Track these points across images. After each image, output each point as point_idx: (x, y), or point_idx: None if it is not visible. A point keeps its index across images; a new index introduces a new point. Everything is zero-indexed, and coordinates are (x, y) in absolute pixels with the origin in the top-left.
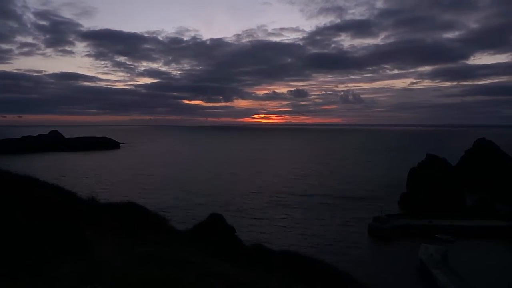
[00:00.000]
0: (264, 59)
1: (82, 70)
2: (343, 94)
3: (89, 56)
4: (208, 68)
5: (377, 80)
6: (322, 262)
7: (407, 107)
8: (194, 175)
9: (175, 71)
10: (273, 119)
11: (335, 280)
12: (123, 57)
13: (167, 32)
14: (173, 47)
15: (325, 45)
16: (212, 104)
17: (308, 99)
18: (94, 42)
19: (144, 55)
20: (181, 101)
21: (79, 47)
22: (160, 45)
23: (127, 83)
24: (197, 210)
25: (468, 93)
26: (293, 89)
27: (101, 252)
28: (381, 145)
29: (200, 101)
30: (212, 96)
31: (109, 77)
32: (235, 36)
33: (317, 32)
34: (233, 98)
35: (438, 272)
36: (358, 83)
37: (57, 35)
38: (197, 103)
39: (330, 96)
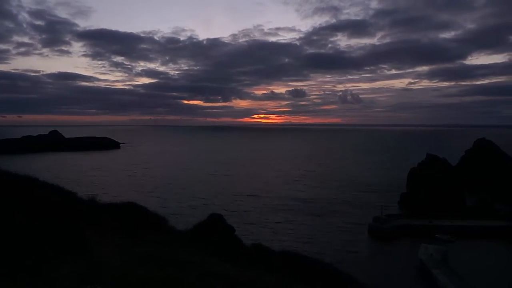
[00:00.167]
0: (261, 59)
1: (80, 70)
2: (341, 94)
3: (86, 56)
4: (206, 68)
5: (375, 80)
6: (322, 262)
7: (406, 107)
8: (194, 175)
9: (172, 71)
10: (273, 119)
11: (335, 280)
12: (120, 57)
13: (163, 32)
14: (169, 47)
15: (322, 45)
16: (211, 104)
17: (307, 99)
18: (91, 42)
19: (141, 55)
20: (180, 101)
21: (76, 47)
22: (156, 45)
23: (125, 83)
24: (197, 210)
25: (467, 93)
26: (291, 89)
27: (101, 252)
28: (381, 145)
29: (199, 101)
30: (211, 96)
31: (107, 77)
32: (231, 36)
33: (313, 32)
34: (231, 98)
35: (438, 272)
36: (356, 83)
37: (53, 35)
38: (196, 103)
39: (329, 96)
